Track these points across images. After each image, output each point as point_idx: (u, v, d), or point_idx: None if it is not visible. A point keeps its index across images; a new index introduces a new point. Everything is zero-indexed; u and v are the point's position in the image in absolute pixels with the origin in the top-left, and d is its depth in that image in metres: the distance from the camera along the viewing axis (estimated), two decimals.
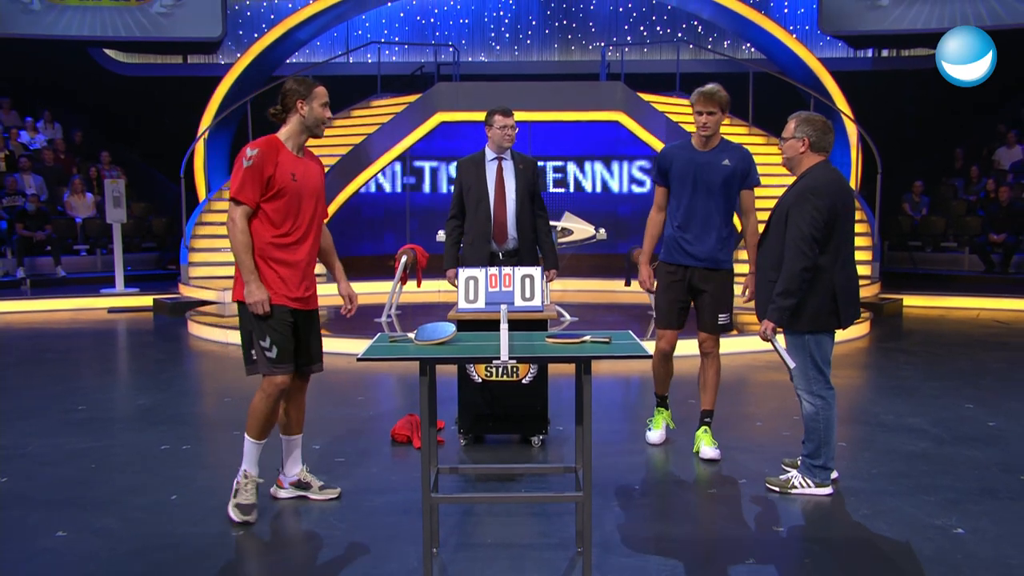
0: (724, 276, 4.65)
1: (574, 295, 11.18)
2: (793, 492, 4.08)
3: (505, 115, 5.15)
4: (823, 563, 3.31)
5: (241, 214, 3.64)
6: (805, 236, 3.78)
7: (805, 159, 3.97)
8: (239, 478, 3.77)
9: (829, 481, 4.10)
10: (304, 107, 3.73)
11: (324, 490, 4.00)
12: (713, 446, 4.67)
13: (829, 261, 3.86)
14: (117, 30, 15.07)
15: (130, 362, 8.14)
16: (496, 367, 4.78)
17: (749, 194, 4.58)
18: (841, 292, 3.89)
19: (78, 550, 3.50)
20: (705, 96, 4.51)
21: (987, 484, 4.18)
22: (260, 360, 3.72)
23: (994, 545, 3.46)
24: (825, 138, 3.98)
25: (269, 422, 3.77)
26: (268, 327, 3.67)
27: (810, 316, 3.90)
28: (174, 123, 14.63)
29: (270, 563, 3.44)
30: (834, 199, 3.83)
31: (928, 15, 14.57)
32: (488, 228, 5.19)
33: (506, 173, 5.20)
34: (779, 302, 3.85)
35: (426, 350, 3.24)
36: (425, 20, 17.41)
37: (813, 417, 4.05)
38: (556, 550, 3.47)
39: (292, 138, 3.77)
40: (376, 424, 5.36)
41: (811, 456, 4.09)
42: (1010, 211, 12.32)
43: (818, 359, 3.99)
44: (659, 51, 17.04)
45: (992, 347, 8.18)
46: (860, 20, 14.86)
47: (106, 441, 5.07)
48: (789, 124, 4.05)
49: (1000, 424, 5.27)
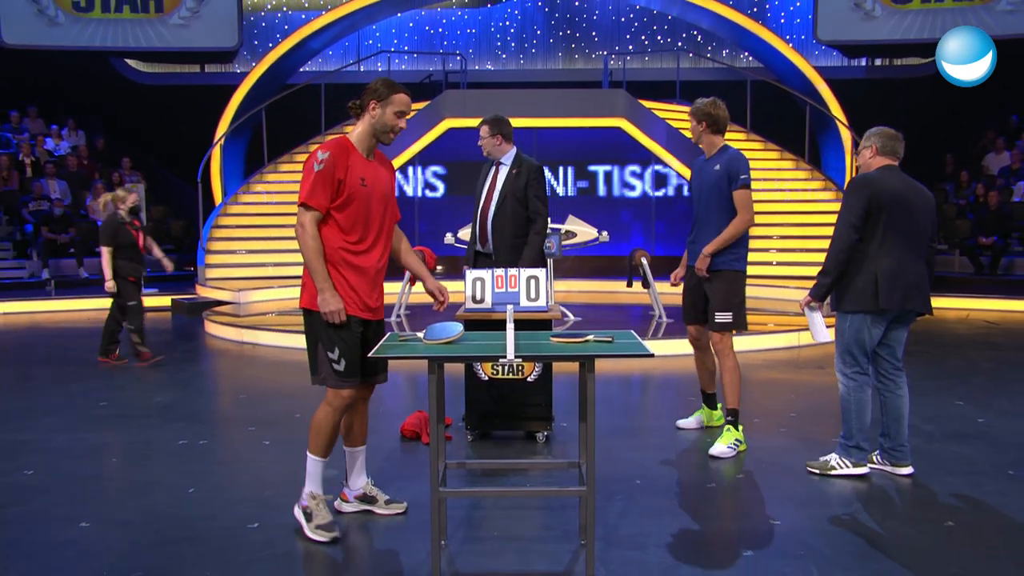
0: (724, 276, 4.85)
1: (578, 296, 11.45)
2: (832, 473, 4.25)
3: (482, 126, 5.20)
4: (817, 555, 3.35)
5: (311, 219, 3.45)
6: (845, 221, 4.11)
7: (874, 162, 4.30)
8: (304, 502, 3.58)
9: (865, 461, 4.27)
10: (376, 110, 3.55)
11: (390, 504, 3.82)
12: (726, 444, 4.69)
13: (874, 248, 4.09)
14: (138, 41, 15.57)
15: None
16: (502, 366, 4.79)
17: (738, 194, 4.77)
18: (884, 278, 4.07)
19: (100, 541, 3.54)
20: (689, 110, 5.04)
21: (976, 478, 4.25)
22: (326, 372, 3.52)
23: (982, 538, 3.53)
24: (891, 144, 4.24)
25: (333, 437, 3.59)
26: (338, 338, 3.49)
27: (852, 297, 4.16)
28: (192, 130, 15.07)
29: (282, 554, 3.41)
30: (879, 192, 4.09)
31: (920, 26, 15.00)
32: (474, 230, 5.35)
33: (498, 178, 5.29)
34: (819, 279, 4.21)
35: (434, 349, 3.24)
36: (433, 30, 17.86)
37: (845, 398, 4.27)
38: (560, 543, 3.50)
39: (362, 141, 3.59)
40: (386, 421, 5.37)
41: (846, 437, 4.28)
42: (998, 215, 12.65)
43: (853, 345, 4.20)
44: (660, 59, 17.42)
45: (982, 347, 8.39)
46: (854, 30, 15.27)
47: (126, 436, 5.17)
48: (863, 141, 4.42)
49: (989, 421, 5.37)
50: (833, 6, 15.27)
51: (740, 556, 3.36)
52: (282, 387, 6.48)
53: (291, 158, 14.28)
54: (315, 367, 3.57)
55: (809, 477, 4.28)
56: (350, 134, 3.61)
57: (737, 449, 4.73)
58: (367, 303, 3.55)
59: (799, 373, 6.93)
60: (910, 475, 4.27)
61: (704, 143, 4.97)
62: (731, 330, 4.88)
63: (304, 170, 3.53)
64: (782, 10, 17.40)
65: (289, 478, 4.25)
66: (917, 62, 16.83)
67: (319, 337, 3.53)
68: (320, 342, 3.52)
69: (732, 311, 4.83)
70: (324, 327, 3.49)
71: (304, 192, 3.47)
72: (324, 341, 3.51)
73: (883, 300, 4.10)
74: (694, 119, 4.97)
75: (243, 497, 4.04)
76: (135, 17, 15.46)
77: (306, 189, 3.46)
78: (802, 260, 11.79)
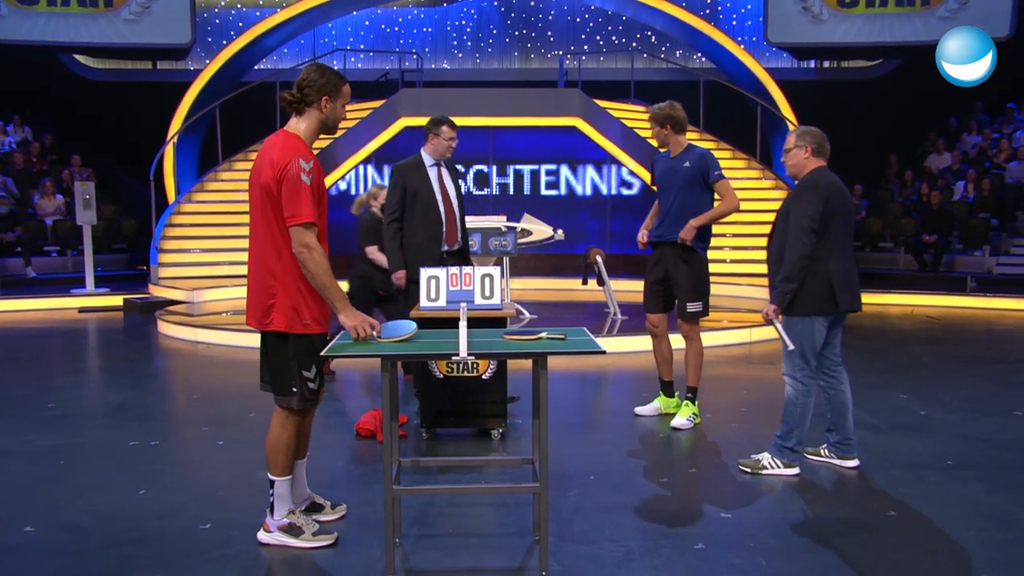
0: (698, 261, 5.15)
1: (533, 294, 11.52)
2: (763, 472, 4.31)
3: (453, 128, 5.41)
4: (766, 546, 3.43)
5: (314, 239, 3.23)
6: (803, 227, 4.11)
7: (809, 164, 4.35)
8: (284, 522, 3.45)
9: (797, 462, 4.35)
10: (329, 104, 3.36)
11: (336, 508, 3.77)
12: (684, 417, 5.19)
13: (826, 252, 4.15)
14: (86, 36, 15.21)
15: (100, 360, 8.17)
16: (456, 363, 4.81)
17: (720, 185, 5.09)
18: (837, 280, 4.16)
19: (46, 545, 3.47)
20: (648, 117, 5.32)
21: (917, 470, 4.39)
22: (300, 393, 3.38)
23: (923, 527, 3.64)
24: (824, 146, 4.37)
25: (292, 453, 3.48)
26: (315, 359, 3.37)
27: (806, 301, 4.18)
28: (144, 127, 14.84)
29: (236, 554, 3.38)
30: (829, 195, 4.15)
31: (862, 29, 15.39)
32: (439, 230, 5.37)
33: (445, 178, 5.46)
34: (782, 287, 4.16)
35: (387, 347, 3.23)
36: (389, 28, 17.81)
37: (792, 400, 4.30)
38: (514, 538, 3.54)
39: (311, 138, 3.39)
40: (341, 419, 5.40)
41: (783, 437, 4.33)
42: (940, 213, 13.02)
43: (806, 347, 4.23)
44: (615, 60, 17.57)
45: (924, 341, 8.66)
46: (803, 32, 15.60)
47: (76, 438, 5.07)
48: (790, 138, 4.43)
49: (930, 413, 5.55)
50: (783, 9, 15.58)
51: (692, 549, 3.43)
52: (236, 387, 6.43)
53: (246, 156, 14.13)
54: (286, 388, 3.39)
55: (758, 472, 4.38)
56: (296, 131, 3.37)
57: (693, 422, 5.20)
58: (327, 315, 3.42)
59: (751, 369, 7.09)
60: (856, 467, 4.41)
61: (671, 144, 5.24)
62: (700, 319, 5.23)
63: (288, 183, 3.22)
64: (734, 12, 17.68)
65: (243, 478, 4.26)
66: (863, 65, 17.26)
67: (300, 360, 3.36)
68: (300, 365, 3.36)
69: (701, 300, 5.19)
70: (305, 349, 3.35)
71: (304, 210, 3.20)
72: (304, 363, 3.36)
73: (841, 303, 4.20)
74: (656, 124, 5.20)
75: (196, 497, 4.02)
76: (83, 11, 15.13)
77: (305, 206, 3.20)
78: (754, 258, 11.97)
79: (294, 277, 3.31)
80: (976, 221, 13.01)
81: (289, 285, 3.32)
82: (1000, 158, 14.28)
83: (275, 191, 3.24)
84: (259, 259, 3.35)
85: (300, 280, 3.31)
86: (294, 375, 3.37)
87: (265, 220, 3.30)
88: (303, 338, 3.35)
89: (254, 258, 3.38)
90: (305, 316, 3.33)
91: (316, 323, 3.37)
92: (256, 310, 3.37)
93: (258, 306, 3.36)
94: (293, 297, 3.32)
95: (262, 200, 3.29)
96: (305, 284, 3.31)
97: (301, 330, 3.33)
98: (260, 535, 3.49)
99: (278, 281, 3.31)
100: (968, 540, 3.51)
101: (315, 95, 3.33)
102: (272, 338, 3.39)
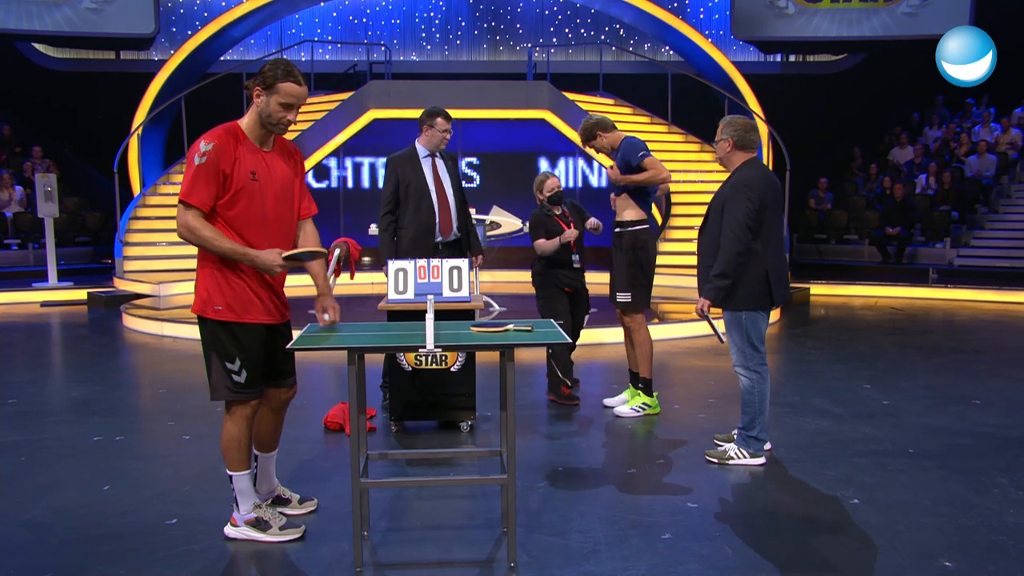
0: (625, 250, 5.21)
1: (503, 286, 11.54)
2: (730, 463, 4.34)
3: (447, 119, 5.41)
4: (732, 535, 3.48)
5: (194, 218, 3.12)
6: (740, 223, 4.13)
7: (735, 157, 4.39)
8: (250, 516, 3.41)
9: (763, 452, 4.38)
10: (261, 98, 3.20)
11: (304, 503, 3.73)
12: (630, 405, 5.33)
13: (761, 246, 4.19)
14: (45, 25, 14.91)
15: (64, 355, 8.04)
16: (424, 355, 4.82)
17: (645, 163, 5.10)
18: (773, 274, 4.21)
19: (6, 542, 3.41)
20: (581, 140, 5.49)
21: (880, 458, 4.47)
22: (224, 386, 3.29)
23: (885, 514, 3.70)
24: (747, 136, 4.36)
25: (248, 445, 3.40)
26: (238, 347, 3.26)
27: (745, 296, 4.22)
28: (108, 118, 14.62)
29: (203, 549, 3.35)
30: (764, 191, 4.19)
31: (828, 24, 15.57)
32: (433, 221, 5.32)
33: (440, 170, 5.44)
34: (715, 283, 4.18)
35: (353, 339, 3.22)
36: (357, 20, 17.68)
37: (749, 391, 4.34)
38: (483, 530, 3.54)
39: (252, 129, 3.26)
40: (309, 412, 5.36)
41: (746, 428, 4.38)
42: (903, 206, 13.21)
43: (753, 337, 4.29)
44: (583, 52, 17.64)
45: (888, 332, 8.81)
46: (769, 27, 15.77)
47: (37, 434, 4.98)
48: (718, 129, 4.48)
49: (893, 402, 5.65)
50: (749, 3, 15.73)
51: (659, 539, 3.46)
52: (203, 381, 6.12)
53: None
54: (208, 378, 3.32)
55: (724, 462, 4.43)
56: (241, 120, 3.28)
57: (643, 412, 5.31)
58: (268, 306, 3.32)
59: (718, 360, 7.15)
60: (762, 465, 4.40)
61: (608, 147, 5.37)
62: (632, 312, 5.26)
63: (186, 161, 3.17)
64: (701, 6, 17.79)
65: (209, 473, 4.23)
66: (829, 59, 17.47)
67: (216, 347, 3.27)
68: (216, 352, 3.27)
69: (631, 291, 5.20)
70: (224, 337, 3.26)
71: (184, 187, 3.12)
72: (221, 352, 3.27)
73: (776, 298, 4.28)
74: (586, 142, 5.40)
75: (161, 492, 3.98)
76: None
77: (186, 184, 3.12)
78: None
79: (209, 261, 3.26)
80: (937, 214, 13.23)
81: (204, 268, 3.28)
82: (960, 152, 14.54)
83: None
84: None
85: (215, 265, 3.24)
86: (211, 363, 3.31)
87: None
88: (217, 325, 3.26)
89: None
90: (217, 302, 3.25)
91: (230, 310, 3.26)
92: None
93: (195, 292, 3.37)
94: (207, 280, 3.27)
95: None
96: (221, 270, 3.24)
97: (212, 315, 3.25)
98: (227, 530, 3.46)
99: (199, 264, 3.30)
100: (928, 526, 3.58)
101: (251, 86, 3.22)
102: (199, 324, 3.35)
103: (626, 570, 3.18)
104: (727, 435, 4.69)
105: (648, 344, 5.30)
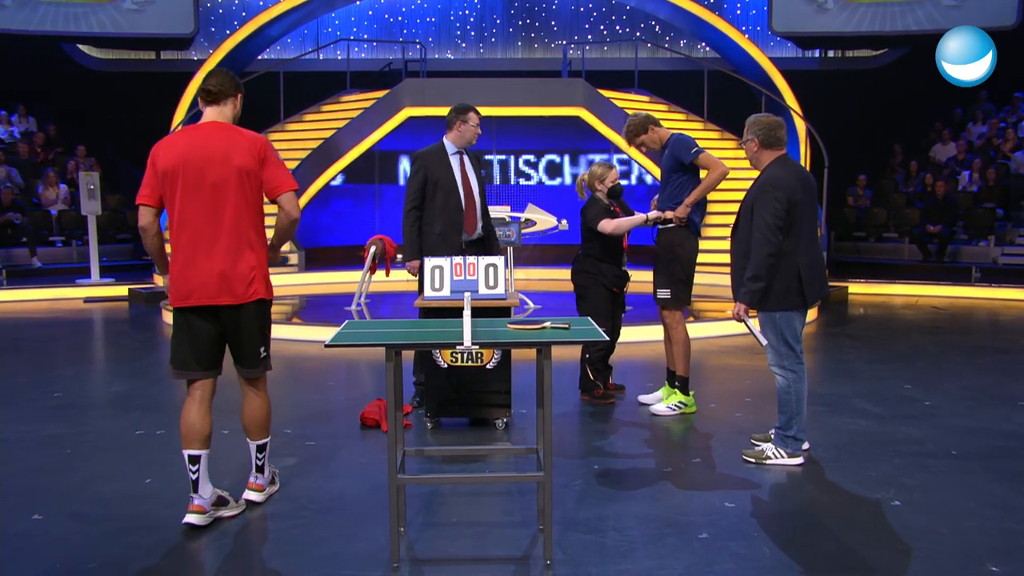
0: (666, 246, 5.19)
1: (538, 284, 11.53)
2: (767, 463, 4.30)
3: (478, 115, 5.36)
4: (769, 535, 3.44)
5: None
6: (769, 225, 4.09)
7: (763, 156, 4.36)
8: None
9: (801, 451, 4.33)
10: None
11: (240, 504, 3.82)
12: (665, 404, 5.29)
13: (792, 245, 4.13)
14: (90, 26, 15.19)
15: (105, 350, 8.16)
16: (460, 353, 4.81)
17: (700, 160, 5.14)
18: (805, 272, 4.15)
19: (53, 533, 3.49)
20: (625, 141, 5.47)
21: (921, 459, 4.40)
22: (268, 360, 3.74)
23: (927, 516, 3.64)
24: (773, 134, 4.32)
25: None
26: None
27: (778, 296, 4.16)
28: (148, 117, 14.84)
29: (244, 543, 3.41)
30: (792, 189, 4.13)
31: (870, 19, 15.30)
32: (460, 219, 5.25)
33: (467, 167, 5.39)
34: (749, 286, 4.13)
35: (392, 336, 3.25)
36: (393, 18, 17.76)
37: (785, 390, 4.29)
38: (519, 528, 3.54)
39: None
40: (346, 409, 5.41)
41: (783, 428, 4.33)
42: (945, 203, 12.98)
43: (788, 336, 4.23)
44: (618, 49, 17.53)
45: (929, 331, 8.65)
46: (808, 22, 15.52)
47: (81, 427, 5.06)
48: (744, 130, 4.44)
49: (935, 403, 5.56)
50: None
51: (695, 539, 3.43)
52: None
53: None
54: (265, 358, 3.75)
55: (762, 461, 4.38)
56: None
57: (679, 411, 5.26)
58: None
59: (754, 359, 7.08)
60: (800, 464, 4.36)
61: (656, 144, 5.35)
62: (672, 308, 5.23)
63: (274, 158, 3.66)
64: (738, 1, 17.60)
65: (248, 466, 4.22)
66: (868, 54, 17.19)
67: (270, 326, 3.74)
68: (269, 330, 3.74)
69: (671, 287, 5.18)
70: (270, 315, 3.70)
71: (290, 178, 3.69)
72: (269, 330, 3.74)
73: (809, 297, 4.21)
74: (634, 138, 5.35)
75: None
76: (87, 1, 15.09)
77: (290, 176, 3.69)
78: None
79: (263, 246, 3.66)
80: (981, 211, 12.98)
81: (261, 253, 3.66)
82: (1006, 147, 14.23)
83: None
84: None
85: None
86: (268, 342, 3.72)
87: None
88: (270, 305, 3.71)
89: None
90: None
91: (174, 298, 3.58)
92: None
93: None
94: (265, 266, 3.67)
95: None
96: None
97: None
98: (254, 496, 3.79)
99: (253, 249, 3.62)
100: (972, 530, 3.52)
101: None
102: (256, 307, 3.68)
103: (662, 569, 3.16)
104: (764, 434, 4.65)
105: (685, 342, 5.27)
